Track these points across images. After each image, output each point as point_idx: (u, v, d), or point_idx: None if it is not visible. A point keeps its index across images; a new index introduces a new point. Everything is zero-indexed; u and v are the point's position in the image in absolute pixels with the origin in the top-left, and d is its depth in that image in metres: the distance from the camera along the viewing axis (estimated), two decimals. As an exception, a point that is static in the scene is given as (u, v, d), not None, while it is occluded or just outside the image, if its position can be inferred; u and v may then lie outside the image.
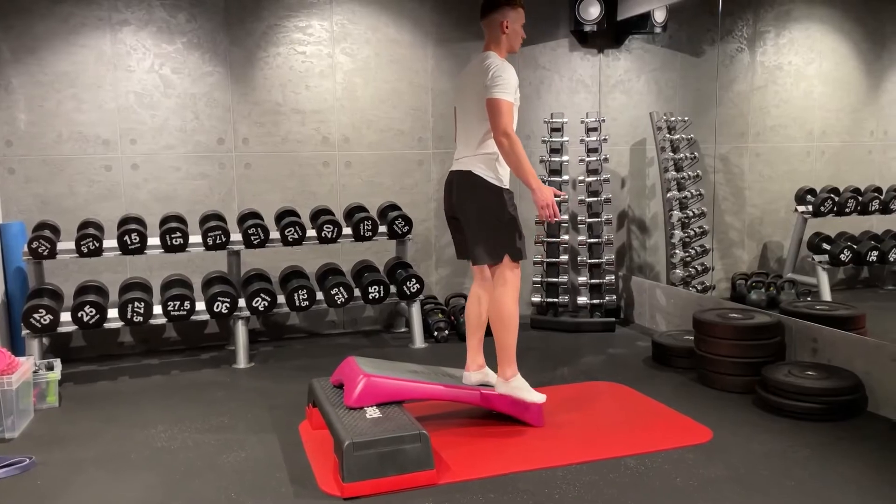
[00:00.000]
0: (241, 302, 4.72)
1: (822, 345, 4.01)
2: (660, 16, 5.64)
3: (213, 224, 4.73)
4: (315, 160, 5.40)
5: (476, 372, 3.55)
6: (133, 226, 4.60)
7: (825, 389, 3.57)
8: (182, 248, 4.66)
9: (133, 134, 5.00)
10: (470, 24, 5.60)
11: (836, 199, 5.64)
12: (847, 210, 5.67)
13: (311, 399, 3.66)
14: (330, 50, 5.33)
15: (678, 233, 5.58)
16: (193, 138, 5.12)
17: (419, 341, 5.12)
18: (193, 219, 4.95)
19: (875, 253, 5.43)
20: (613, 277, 5.55)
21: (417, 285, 5.00)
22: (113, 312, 4.44)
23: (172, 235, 4.61)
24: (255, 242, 4.78)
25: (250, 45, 5.18)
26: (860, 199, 5.62)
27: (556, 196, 3.33)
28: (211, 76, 5.11)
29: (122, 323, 4.41)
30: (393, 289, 5.01)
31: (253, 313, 4.69)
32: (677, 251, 5.59)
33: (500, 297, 3.39)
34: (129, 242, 4.53)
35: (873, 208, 5.67)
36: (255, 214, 4.97)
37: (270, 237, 4.84)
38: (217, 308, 4.56)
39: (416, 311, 5.10)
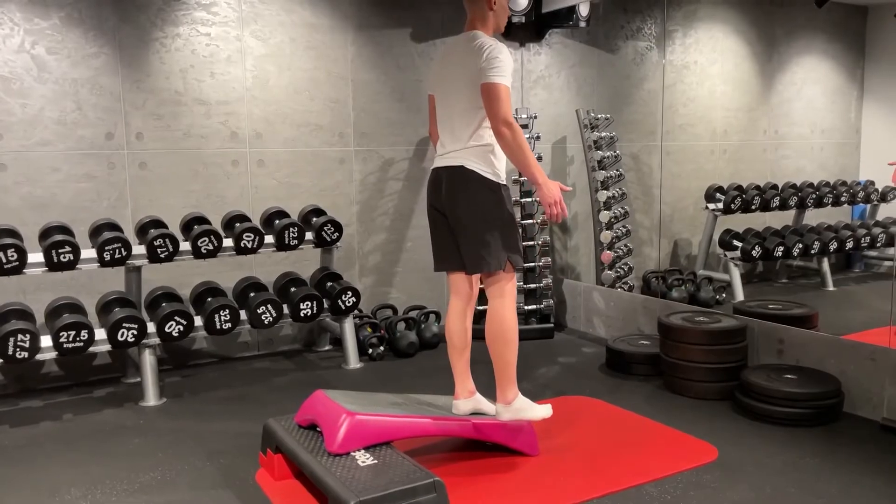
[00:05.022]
0: (151, 327, 3.98)
1: (789, 346, 3.96)
2: (584, 9, 5.46)
3: (109, 236, 3.94)
4: (223, 158, 4.69)
5: (468, 400, 3.11)
6: (7, 240, 3.72)
7: (814, 394, 3.49)
8: (72, 265, 3.84)
9: (-2, 127, 4.09)
10: (393, 9, 5.10)
11: (744, 196, 5.75)
12: (753, 207, 5.81)
13: (270, 444, 3.07)
14: (238, 32, 4.65)
15: (607, 233, 5.44)
16: (76, 133, 4.27)
17: (353, 361, 4.58)
18: (80, 229, 4.12)
19: (781, 248, 5.58)
20: (550, 281, 5.30)
21: (353, 298, 4.46)
22: (-12, 348, 3.58)
23: (60, 250, 3.79)
24: (162, 256, 4.05)
25: (144, 22, 4.39)
26: (763, 196, 5.77)
27: (562, 191, 2.92)
28: (96, 58, 4.28)
29: (1, 360, 3.55)
30: (326, 303, 4.45)
31: (165, 340, 3.97)
32: (607, 252, 5.44)
33: (499, 310, 2.95)
34: (3, 260, 3.66)
35: (774, 205, 5.85)
36: (158, 223, 4.23)
37: (180, 249, 4.13)
38: (122, 337, 3.80)
39: (349, 327, 4.56)
